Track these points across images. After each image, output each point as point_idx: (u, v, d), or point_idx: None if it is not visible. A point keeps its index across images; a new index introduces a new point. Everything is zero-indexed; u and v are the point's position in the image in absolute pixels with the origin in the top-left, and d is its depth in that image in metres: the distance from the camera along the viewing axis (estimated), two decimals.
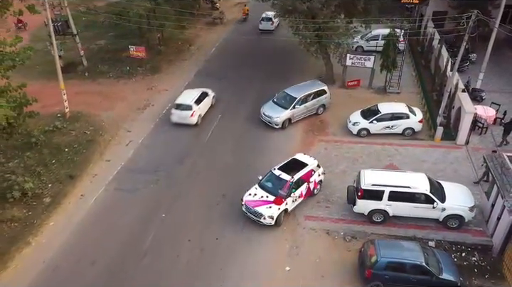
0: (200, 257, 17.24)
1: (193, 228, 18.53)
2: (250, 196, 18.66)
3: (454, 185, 18.29)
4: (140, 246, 17.66)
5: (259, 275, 16.41)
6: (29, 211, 19.30)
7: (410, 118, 23.75)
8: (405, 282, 15.24)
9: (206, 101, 26.74)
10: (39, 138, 23.55)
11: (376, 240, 16.14)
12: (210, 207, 19.61)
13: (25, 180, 19.81)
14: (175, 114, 25.44)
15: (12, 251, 17.34)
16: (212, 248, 17.57)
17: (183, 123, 25.25)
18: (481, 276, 16.22)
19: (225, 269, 16.69)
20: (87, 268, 16.71)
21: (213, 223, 18.77)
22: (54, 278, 16.30)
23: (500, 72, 30.12)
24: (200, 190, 20.73)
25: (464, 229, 17.66)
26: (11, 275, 16.40)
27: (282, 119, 24.76)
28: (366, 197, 17.67)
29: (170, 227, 18.63)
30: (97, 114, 27.06)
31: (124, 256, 17.24)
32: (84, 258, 17.10)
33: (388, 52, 27.63)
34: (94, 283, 16.15)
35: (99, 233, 18.32)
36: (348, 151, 23.16)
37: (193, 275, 16.48)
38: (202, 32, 40.56)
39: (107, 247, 17.61)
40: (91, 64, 33.35)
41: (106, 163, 22.77)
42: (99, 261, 16.98)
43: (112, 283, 16.17)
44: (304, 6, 25.92)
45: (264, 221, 17.96)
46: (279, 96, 26.01)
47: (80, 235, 18.27)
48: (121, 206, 19.82)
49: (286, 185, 18.42)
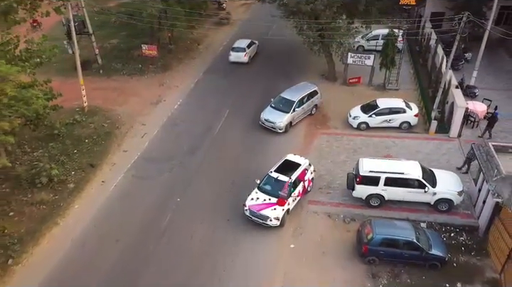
0: (212, 236, 18.96)
1: (206, 211, 20.28)
2: (253, 200, 19.20)
3: (444, 172, 20.00)
4: (158, 226, 19.43)
5: (266, 252, 18.13)
6: (55, 195, 21.10)
7: (407, 112, 25.43)
8: (398, 257, 16.96)
9: (253, 47, 35.71)
10: (61, 130, 25.33)
11: (372, 220, 17.87)
12: (221, 192, 21.33)
13: (52, 167, 21.62)
14: (232, 55, 34.36)
15: (43, 230, 19.14)
16: (223, 229, 19.29)
17: (238, 61, 34.18)
18: (467, 254, 17.92)
19: (235, 247, 18.38)
20: (111, 245, 18.49)
21: (224, 206, 20.46)
22: (82, 254, 18.08)
23: (493, 71, 31.76)
24: (211, 178, 22.46)
25: (453, 212, 19.37)
26: (43, 250, 18.17)
27: (285, 123, 25.46)
28: (364, 183, 19.38)
29: (184, 210, 20.38)
30: (113, 108, 28.83)
31: (144, 235, 19.01)
32: (108, 237, 18.87)
33: (387, 51, 29.25)
34: (119, 258, 17.92)
35: (121, 214, 20.12)
36: (349, 143, 24.85)
37: (206, 253, 18.16)
38: (209, 32, 42.25)
39: (128, 227, 19.39)
40: (105, 62, 35.09)
41: (123, 153, 24.53)
42: (122, 239, 18.76)
43: (134, 258, 17.92)
44: (307, 8, 27.54)
45: (270, 223, 18.64)
46: (277, 101, 26.58)
47: (103, 216, 20.06)
48: (139, 191, 21.59)
49: (286, 186, 19.17)
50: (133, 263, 17.71)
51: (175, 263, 17.68)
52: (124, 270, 17.43)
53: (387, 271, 17.14)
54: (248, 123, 26.91)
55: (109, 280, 17.00)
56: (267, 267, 17.54)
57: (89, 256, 18.01)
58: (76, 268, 17.40)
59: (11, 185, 21.37)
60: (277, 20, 32.34)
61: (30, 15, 20.96)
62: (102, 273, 17.27)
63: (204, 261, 17.82)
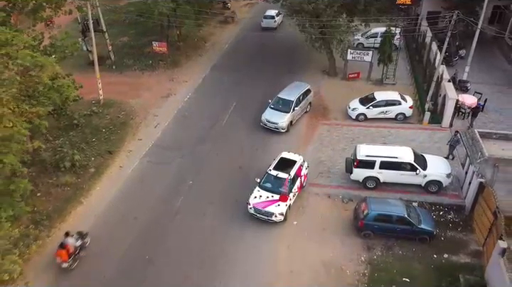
0: (222, 216, 20.80)
1: (215, 192, 22.13)
2: (256, 199, 20.11)
3: (434, 157, 21.84)
4: (172, 206, 21.31)
5: (271, 228, 19.95)
6: (78, 178, 23.00)
7: (402, 104, 27.25)
8: (391, 231, 18.78)
9: (281, 16, 42.21)
10: (80, 120, 27.25)
11: (368, 197, 19.71)
12: (229, 177, 23.18)
13: (74, 153, 23.52)
14: (264, 21, 41.97)
15: (68, 208, 21.06)
16: (231, 209, 21.11)
17: (269, 27, 41.73)
18: (454, 230, 19.74)
19: (244, 224, 20.23)
20: (131, 222, 20.40)
21: (232, 189, 22.28)
22: (105, 229, 19.97)
23: (486, 67, 33.49)
24: (219, 164, 24.31)
25: (442, 193, 21.20)
26: (70, 226, 19.93)
27: (287, 123, 26.43)
28: (361, 167, 21.22)
29: (196, 192, 22.26)
30: (127, 101, 30.70)
31: (160, 214, 20.90)
32: (127, 215, 20.78)
33: (385, 48, 31.07)
34: (139, 233, 19.83)
35: (138, 195, 22.02)
36: (348, 133, 26.66)
37: (216, 230, 20.00)
38: (215, 30, 44.17)
39: (145, 206, 21.29)
40: (117, 58, 36.95)
41: (138, 141, 26.42)
42: (140, 217, 20.65)
43: (152, 234, 19.81)
44: (309, 7, 29.38)
45: (275, 218, 19.66)
46: (275, 102, 27.38)
47: (122, 197, 21.97)
48: (154, 175, 23.48)
49: (286, 182, 20.18)
50: (150, 238, 19.61)
51: (188, 238, 19.57)
52: (142, 244, 19.32)
53: (381, 244, 18.98)
54: (254, 114, 28.61)
55: (129, 252, 18.89)
56: (272, 240, 19.40)
57: (111, 231, 19.93)
58: (99, 242, 19.27)
59: (37, 169, 23.24)
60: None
61: (55, 13, 22.82)
62: (123, 245, 19.17)
63: (215, 235, 19.71)
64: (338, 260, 18.30)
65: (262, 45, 39.53)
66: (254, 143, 25.93)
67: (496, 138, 20.47)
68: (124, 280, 17.70)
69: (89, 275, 17.88)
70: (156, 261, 18.50)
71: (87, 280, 17.70)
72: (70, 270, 17.88)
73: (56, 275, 17.87)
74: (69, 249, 17.60)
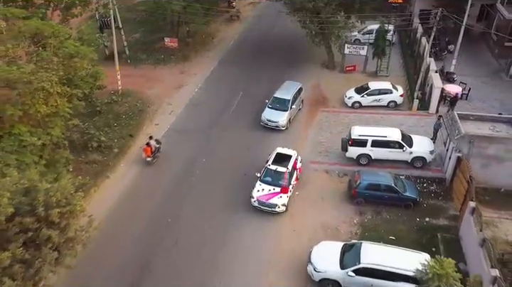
0: (232, 187, 23.67)
1: (226, 168, 25.03)
2: (259, 192, 21.60)
3: (419, 137, 24.79)
4: (189, 179, 24.27)
5: None
6: (104, 157, 25.91)
7: (393, 93, 30.17)
8: (380, 198, 21.67)
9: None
10: (102, 107, 30.16)
11: (360, 170, 22.61)
12: (238, 156, 26.05)
13: (100, 134, 26.45)
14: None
15: (98, 183, 23.97)
16: (240, 181, 23.96)
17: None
18: (435, 199, 22.66)
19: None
20: (154, 190, 23.42)
21: (241, 165, 25.13)
22: (132, 198, 22.92)
23: (472, 61, 36.27)
24: (229, 145, 27.23)
25: (426, 168, 24.15)
26: (99, 195, 22.94)
27: (286, 121, 28.01)
28: (355, 145, 24.12)
29: (209, 168, 25.16)
30: (143, 91, 33.58)
31: (178, 185, 23.88)
32: (151, 185, 23.82)
33: (379, 43, 33.97)
34: (162, 199, 22.86)
35: (160, 170, 25.01)
36: (344, 118, 29.53)
37: (227, 201, 22.83)
38: (221, 27, 47.01)
39: (166, 178, 24.33)
40: (131, 53, 39.85)
41: (155, 126, 29.34)
42: (162, 186, 23.70)
43: (173, 200, 22.77)
44: (310, 5, 32.28)
45: (278, 209, 21.23)
46: (273, 101, 28.82)
47: (145, 171, 24.92)
48: (171, 154, 26.36)
49: (285, 175, 21.97)
50: (170, 204, 22.57)
51: (205, 204, 22.54)
52: (163, 210, 22.27)
53: (371, 209, 21.89)
54: (259, 103, 31.38)
55: (154, 214, 21.94)
56: None
57: (137, 198, 22.87)
58: (127, 207, 22.23)
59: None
60: (282, 15, 37.06)
61: (83, 10, 25.73)
62: (150, 206, 22.36)
63: (228, 200, 22.75)
64: (334, 222, 21.22)
65: (265, 41, 42.34)
66: (259, 129, 28.77)
67: (473, 119, 23.34)
68: (151, 237, 20.62)
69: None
70: (175, 223, 21.48)
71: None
72: (151, 164, 24.54)
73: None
74: (152, 148, 24.56)
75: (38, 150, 17.90)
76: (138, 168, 25.27)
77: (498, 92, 31.73)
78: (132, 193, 23.36)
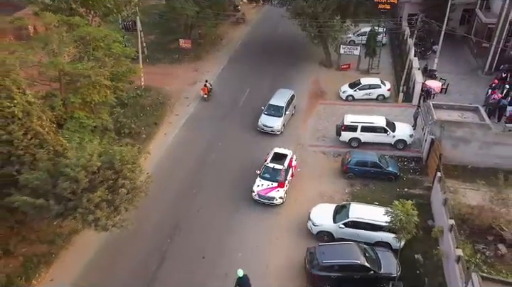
0: (244, 168, 28.00)
1: (239, 151, 29.58)
2: (259, 187, 24.33)
3: (401, 123, 29.41)
4: (208, 160, 28.84)
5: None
6: (135, 141, 30.32)
7: (382, 88, 34.75)
8: (367, 173, 26.20)
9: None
10: (129, 100, 34.70)
11: (351, 150, 27.21)
12: (247, 142, 30.61)
13: (131, 122, 31.02)
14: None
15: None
16: (251, 162, 28.38)
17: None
18: (414, 174, 27.22)
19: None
20: (179, 167, 28.01)
21: (250, 150, 29.59)
22: (161, 172, 27.29)
23: (454, 60, 40.73)
24: (239, 133, 31.76)
25: (407, 149, 28.78)
26: None
27: (281, 126, 30.63)
28: (347, 130, 28.71)
29: (224, 151, 29.70)
30: (162, 87, 38.14)
31: (199, 163, 28.46)
32: (176, 163, 28.40)
33: (370, 44, 38.54)
34: (186, 175, 27.38)
35: (182, 151, 29.63)
36: (339, 110, 33.99)
37: (240, 179, 27.09)
38: (229, 29, 51.62)
39: (188, 158, 28.91)
40: (149, 53, 44.44)
41: (176, 116, 33.94)
42: (186, 164, 28.25)
43: (193, 178, 27.28)
44: (309, 10, 36.90)
45: (276, 201, 24.03)
46: (268, 108, 31.31)
47: (170, 152, 29.57)
48: (191, 139, 30.97)
49: (282, 172, 24.73)
50: (193, 181, 27.04)
51: (221, 180, 27.07)
52: (187, 185, 26.77)
53: (359, 182, 26.40)
54: (265, 97, 35.88)
55: (181, 186, 26.45)
56: None
57: (165, 173, 27.41)
58: (157, 180, 26.71)
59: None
60: (284, 18, 41.61)
61: (117, 16, 30.29)
62: (177, 180, 26.83)
63: (241, 177, 27.09)
64: (329, 192, 25.80)
65: (268, 42, 46.93)
66: None
67: (446, 108, 27.93)
68: (179, 200, 25.16)
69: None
70: (199, 194, 26.03)
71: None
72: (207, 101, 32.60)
73: None
74: (208, 87, 32.92)
75: (91, 131, 22.49)
76: (163, 150, 29.86)
77: (474, 87, 36.22)
78: (161, 169, 27.88)
